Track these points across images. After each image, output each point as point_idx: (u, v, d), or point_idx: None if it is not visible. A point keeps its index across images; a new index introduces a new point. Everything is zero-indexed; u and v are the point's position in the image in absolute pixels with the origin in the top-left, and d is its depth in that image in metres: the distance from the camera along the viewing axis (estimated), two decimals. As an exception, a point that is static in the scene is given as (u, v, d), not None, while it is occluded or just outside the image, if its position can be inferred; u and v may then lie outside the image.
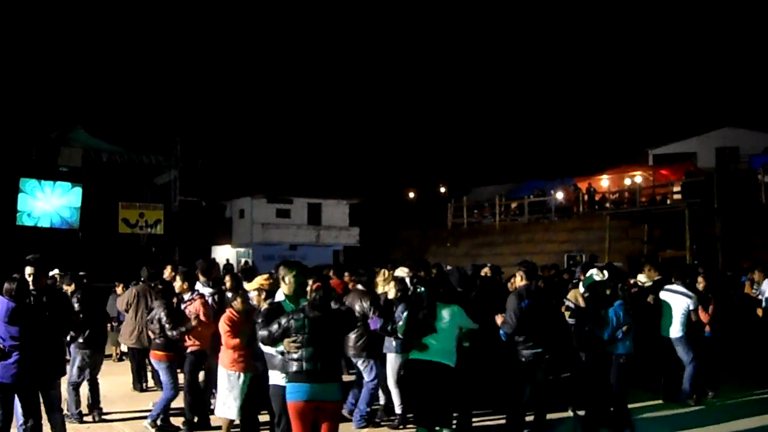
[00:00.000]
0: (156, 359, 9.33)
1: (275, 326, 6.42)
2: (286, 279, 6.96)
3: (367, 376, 9.37)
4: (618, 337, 8.67)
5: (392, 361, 9.35)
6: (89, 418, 9.59)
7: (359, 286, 9.82)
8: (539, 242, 32.38)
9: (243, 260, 32.35)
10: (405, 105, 70.18)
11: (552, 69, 71.57)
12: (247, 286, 9.70)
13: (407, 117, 68.97)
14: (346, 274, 11.67)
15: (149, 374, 12.24)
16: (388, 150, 59.46)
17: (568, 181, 36.31)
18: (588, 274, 9.40)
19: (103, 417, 9.73)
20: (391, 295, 9.34)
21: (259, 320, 6.75)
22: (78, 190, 33.22)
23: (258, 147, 51.59)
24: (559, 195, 35.50)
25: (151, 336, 9.53)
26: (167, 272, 11.76)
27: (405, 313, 8.31)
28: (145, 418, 9.25)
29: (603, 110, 59.06)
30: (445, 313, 7.65)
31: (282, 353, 6.59)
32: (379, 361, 9.47)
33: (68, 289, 10.21)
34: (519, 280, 9.11)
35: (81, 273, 12.44)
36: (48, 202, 32.43)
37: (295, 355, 6.34)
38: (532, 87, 65.13)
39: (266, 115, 67.92)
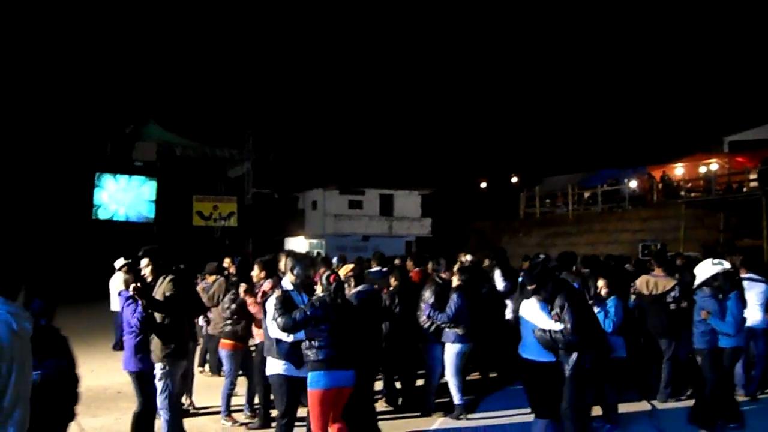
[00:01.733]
0: (222, 348, 9.49)
1: (299, 314, 6.70)
2: (294, 271, 7.25)
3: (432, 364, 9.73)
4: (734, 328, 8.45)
5: (450, 351, 9.40)
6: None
7: (436, 276, 9.99)
8: (613, 231, 31.79)
9: (316, 252, 32.32)
10: (477, 95, 69.61)
11: (625, 55, 70.23)
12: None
13: (479, 107, 68.32)
14: (430, 263, 11.72)
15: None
16: (460, 140, 58.94)
17: (642, 169, 35.66)
18: (702, 264, 8.91)
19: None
20: (455, 283, 9.56)
21: (276, 308, 6.87)
22: (153, 184, 33.61)
23: (330, 138, 51.55)
24: (633, 184, 34.91)
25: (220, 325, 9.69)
26: (227, 263, 12.84)
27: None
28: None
29: (677, 97, 57.50)
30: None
31: (300, 342, 6.90)
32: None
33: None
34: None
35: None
36: (123, 196, 32.87)
37: (316, 344, 6.72)
38: (605, 74, 63.84)
39: (338, 106, 67.95)
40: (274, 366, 7.13)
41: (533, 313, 7.19)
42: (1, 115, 33.61)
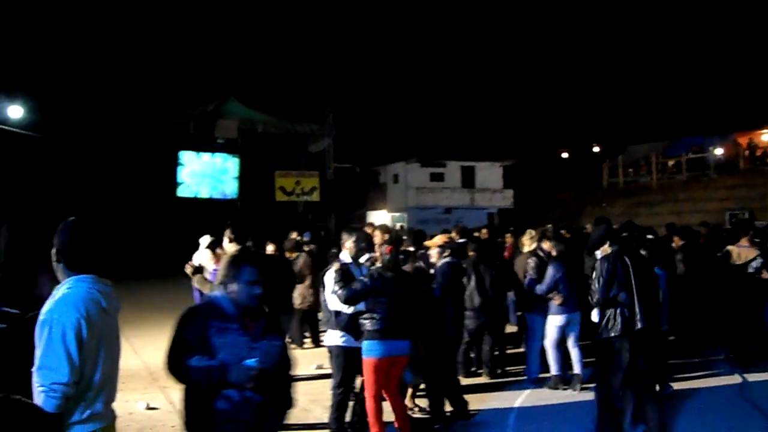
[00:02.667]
0: None
1: (359, 285, 6.84)
2: (347, 244, 7.47)
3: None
4: None
5: (551, 322, 9.39)
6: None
7: (538, 248, 10.05)
8: (698, 200, 30.98)
9: (398, 225, 32.19)
10: (556, 64, 68.37)
11: (709, 17, 68.02)
12: (427, 243, 9.99)
13: (559, 76, 67.14)
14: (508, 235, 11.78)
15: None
16: (541, 110, 58.00)
17: (728, 136, 34.73)
18: None
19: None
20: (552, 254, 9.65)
21: (336, 280, 6.97)
22: (235, 161, 33.84)
23: (410, 111, 51.22)
24: (719, 151, 34.03)
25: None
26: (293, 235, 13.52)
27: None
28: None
29: (763, 61, 55.43)
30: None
31: (358, 314, 7.04)
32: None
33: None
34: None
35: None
36: (206, 174, 33.19)
37: (376, 315, 6.85)
38: (689, 38, 61.99)
39: (417, 78, 67.53)
40: (333, 337, 7.31)
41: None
42: (86, 96, 34.20)
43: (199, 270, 8.24)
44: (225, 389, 3.84)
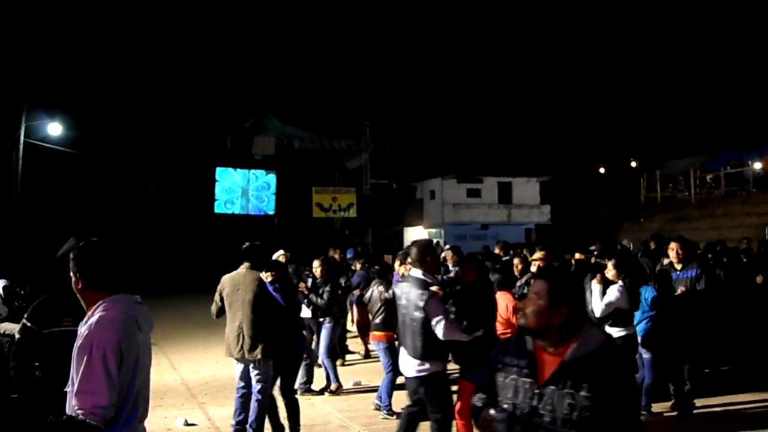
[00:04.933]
0: (375, 340, 9.47)
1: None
2: (425, 259, 6.60)
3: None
4: None
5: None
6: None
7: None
8: (737, 215, 30.46)
9: (435, 241, 32.14)
10: (594, 79, 68.04)
11: (742, 35, 67.31)
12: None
13: (595, 91, 66.82)
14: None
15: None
16: (578, 125, 57.69)
17: (766, 150, 34.18)
18: None
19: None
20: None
21: (444, 309, 6.54)
22: (272, 177, 34.03)
23: (446, 127, 51.22)
24: (758, 165, 33.48)
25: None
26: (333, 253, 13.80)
27: None
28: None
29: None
30: None
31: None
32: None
33: None
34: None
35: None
36: (243, 190, 33.37)
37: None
38: (724, 54, 61.44)
39: (453, 95, 67.54)
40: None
41: None
42: (124, 113, 34.62)
43: None
44: None
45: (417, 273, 6.47)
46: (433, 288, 6.35)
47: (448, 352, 6.65)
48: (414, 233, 38.88)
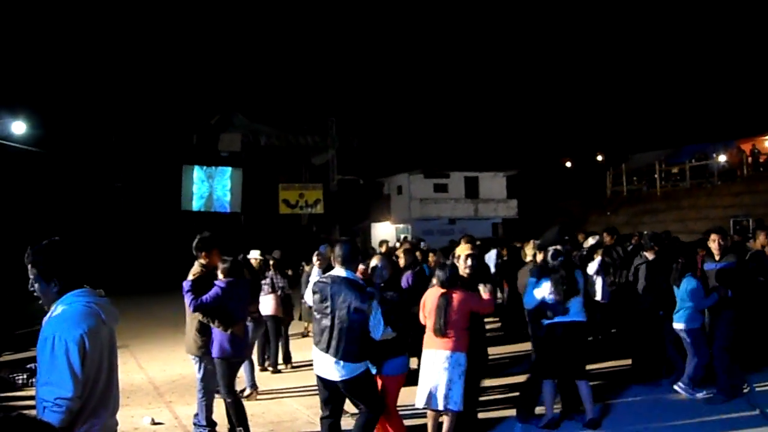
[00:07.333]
0: None
1: None
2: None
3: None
4: None
5: None
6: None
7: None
8: (702, 208, 30.81)
9: (402, 236, 32.17)
10: (558, 73, 68.39)
11: (706, 27, 67.96)
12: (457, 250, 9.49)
13: (560, 85, 67.16)
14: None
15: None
16: (544, 120, 58.07)
17: (731, 143, 34.64)
18: None
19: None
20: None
21: None
22: (238, 174, 33.89)
23: (413, 123, 51.34)
24: (722, 158, 33.89)
25: None
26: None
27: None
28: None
29: (765, 67, 55.42)
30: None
31: None
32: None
33: None
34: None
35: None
36: (210, 187, 33.23)
37: None
38: (687, 46, 61.93)
39: (420, 90, 67.68)
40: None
41: None
42: (89, 110, 34.34)
43: None
44: None
45: (348, 273, 6.39)
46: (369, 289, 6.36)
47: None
48: (381, 229, 38.92)
